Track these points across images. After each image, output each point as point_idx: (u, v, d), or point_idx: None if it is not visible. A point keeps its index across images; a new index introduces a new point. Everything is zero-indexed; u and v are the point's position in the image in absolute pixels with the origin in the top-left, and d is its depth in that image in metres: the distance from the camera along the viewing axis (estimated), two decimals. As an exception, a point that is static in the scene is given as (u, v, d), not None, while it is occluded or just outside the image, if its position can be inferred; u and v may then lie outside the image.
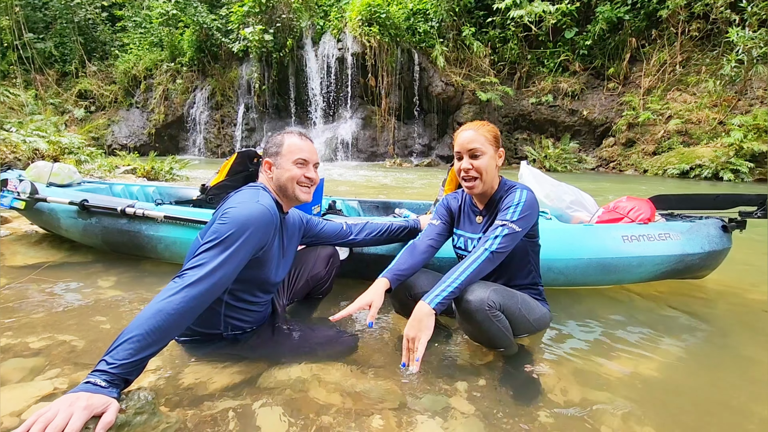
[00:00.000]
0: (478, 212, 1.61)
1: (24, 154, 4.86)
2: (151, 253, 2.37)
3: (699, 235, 2.14)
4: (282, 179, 1.40)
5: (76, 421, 0.84)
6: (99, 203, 2.34)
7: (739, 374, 1.47)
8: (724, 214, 2.29)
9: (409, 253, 1.57)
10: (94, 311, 1.78)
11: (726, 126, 10.28)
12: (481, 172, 1.46)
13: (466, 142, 1.47)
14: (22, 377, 1.27)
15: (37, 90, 15.04)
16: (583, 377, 1.40)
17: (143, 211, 2.25)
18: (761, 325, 1.91)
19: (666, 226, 2.18)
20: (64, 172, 2.80)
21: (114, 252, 2.53)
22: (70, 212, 2.41)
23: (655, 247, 2.06)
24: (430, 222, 1.71)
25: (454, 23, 13.53)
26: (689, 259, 2.09)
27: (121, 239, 2.37)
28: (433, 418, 1.16)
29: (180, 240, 2.24)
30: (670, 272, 2.13)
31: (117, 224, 2.34)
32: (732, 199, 2.23)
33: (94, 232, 2.41)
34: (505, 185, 1.55)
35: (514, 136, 14.09)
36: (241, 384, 1.28)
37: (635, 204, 2.31)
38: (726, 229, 2.20)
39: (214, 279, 1.13)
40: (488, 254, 1.37)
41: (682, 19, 11.65)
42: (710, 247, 2.12)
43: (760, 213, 2.11)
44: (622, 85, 12.90)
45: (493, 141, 1.50)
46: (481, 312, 1.33)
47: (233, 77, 14.75)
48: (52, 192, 2.52)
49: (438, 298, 1.30)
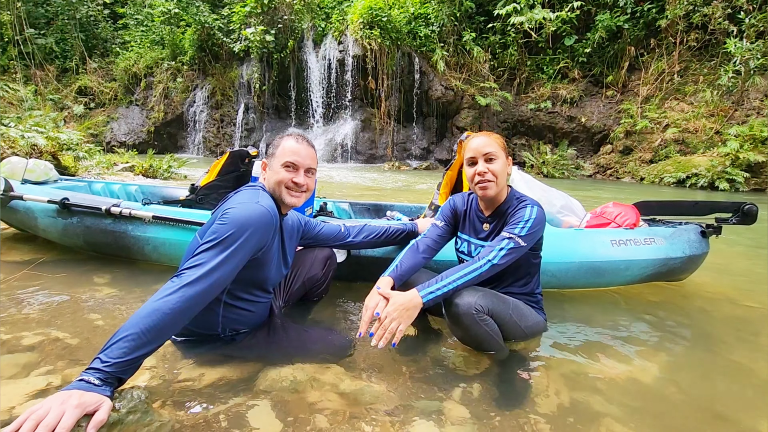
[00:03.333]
0: (484, 219, 1.62)
1: (22, 150, 4.84)
2: (137, 254, 2.28)
3: (681, 239, 2.25)
4: (271, 181, 1.39)
5: (67, 419, 0.84)
6: (81, 202, 2.23)
7: (729, 380, 1.48)
8: (702, 220, 2.39)
9: (411, 252, 1.60)
10: (89, 308, 1.78)
11: (722, 136, 10.35)
12: (496, 175, 1.48)
13: (482, 146, 1.49)
14: (15, 373, 1.27)
15: (37, 86, 14.98)
16: (576, 382, 1.41)
17: (130, 211, 2.15)
18: (748, 329, 1.92)
19: (650, 231, 2.27)
20: (39, 169, 2.67)
21: (96, 253, 2.42)
22: (48, 211, 2.29)
23: (642, 251, 2.14)
24: (434, 222, 1.72)
25: (455, 28, 13.60)
26: (672, 263, 2.20)
27: (105, 240, 2.27)
28: (427, 420, 1.16)
29: (169, 241, 2.17)
30: (655, 275, 2.23)
31: (101, 224, 2.23)
32: (709, 206, 2.33)
33: (76, 232, 2.30)
34: (514, 196, 1.57)
35: (513, 141, 14.12)
36: (236, 384, 1.28)
37: (621, 209, 2.40)
38: (704, 234, 2.33)
39: (211, 279, 1.13)
40: (489, 265, 1.39)
41: (681, 29, 11.74)
42: (691, 252, 2.23)
43: (735, 219, 2.23)
44: (620, 93, 12.98)
45: (504, 148, 1.53)
46: (468, 315, 1.35)
47: (233, 77, 14.75)
48: (29, 189, 2.39)
49: (431, 295, 1.33)
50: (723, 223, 2.30)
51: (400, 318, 1.28)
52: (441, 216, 1.72)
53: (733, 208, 2.23)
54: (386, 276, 1.50)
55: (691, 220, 2.45)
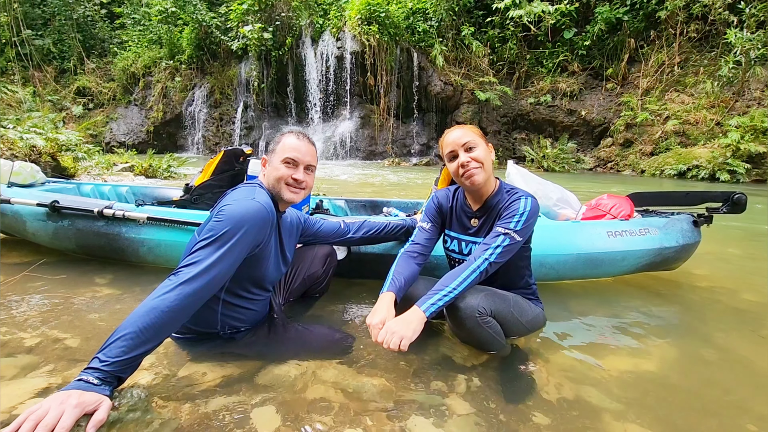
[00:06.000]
0: (472, 214, 1.57)
1: (21, 151, 4.83)
2: (131, 256, 2.22)
3: (674, 229, 2.28)
4: (270, 177, 1.39)
5: (67, 418, 0.84)
6: (72, 204, 2.17)
7: (729, 372, 1.47)
8: (694, 210, 2.43)
9: (404, 262, 1.55)
10: (89, 309, 1.78)
11: (723, 127, 10.31)
12: (481, 161, 1.44)
13: (458, 138, 1.47)
14: (15, 374, 1.26)
15: (35, 87, 14.98)
16: (576, 375, 1.40)
17: (124, 213, 2.10)
18: (748, 321, 1.91)
19: (645, 221, 2.30)
20: (26, 171, 2.61)
21: (89, 256, 2.37)
22: (37, 214, 2.23)
23: (637, 241, 2.18)
24: (420, 225, 1.67)
25: (454, 23, 13.53)
26: (666, 252, 2.23)
27: (98, 242, 2.21)
28: (428, 417, 1.16)
29: (165, 242, 2.13)
30: (650, 265, 2.27)
31: (93, 227, 2.17)
32: (700, 196, 2.37)
33: (67, 235, 2.23)
34: (504, 189, 1.52)
35: (513, 135, 14.10)
36: (236, 382, 1.27)
37: (616, 201, 2.45)
38: (696, 224, 2.37)
39: (209, 276, 1.12)
40: (487, 264, 1.36)
41: (681, 21, 11.67)
42: (684, 241, 2.27)
43: (724, 209, 2.26)
44: (620, 85, 12.92)
45: (482, 136, 1.50)
46: (471, 319, 1.33)
47: (232, 75, 14.72)
48: (16, 193, 2.32)
49: (433, 307, 1.30)
50: (714, 212, 2.34)
51: (404, 334, 1.23)
52: (427, 217, 1.66)
53: (723, 198, 2.26)
54: (387, 291, 1.42)
55: (683, 210, 2.49)
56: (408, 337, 1.23)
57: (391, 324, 1.25)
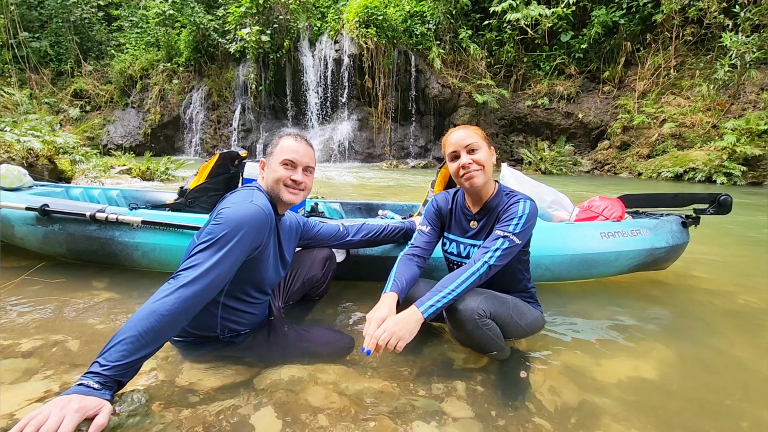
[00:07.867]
0: (471, 216, 1.58)
1: (18, 154, 4.81)
2: (125, 261, 2.18)
3: (664, 230, 2.33)
4: (269, 179, 1.39)
5: (68, 423, 0.84)
6: (62, 208, 2.12)
7: (728, 374, 1.48)
8: (682, 212, 2.49)
9: (405, 264, 1.55)
10: (88, 312, 1.77)
11: (719, 130, 10.37)
12: (482, 164, 1.45)
13: (461, 139, 1.47)
14: (15, 378, 1.26)
15: (32, 89, 14.92)
16: (576, 379, 1.41)
17: (117, 216, 2.06)
18: (746, 323, 1.93)
19: (636, 223, 2.34)
20: (13, 175, 2.55)
21: (80, 261, 2.32)
22: (26, 219, 2.18)
23: (629, 242, 2.22)
24: (419, 228, 1.67)
25: (451, 26, 13.58)
26: (657, 253, 2.28)
27: (90, 247, 2.17)
28: (428, 420, 1.16)
29: (159, 246, 2.09)
30: (641, 265, 2.30)
31: (85, 231, 2.13)
32: (689, 198, 2.44)
33: (57, 240, 2.18)
34: (503, 191, 1.53)
35: (510, 138, 14.14)
36: (237, 385, 1.27)
37: (608, 203, 2.49)
38: (685, 225, 2.42)
39: (208, 279, 1.13)
40: (486, 267, 1.36)
41: (677, 24, 11.75)
42: (674, 241, 2.31)
43: (711, 210, 2.32)
44: (617, 88, 12.98)
45: (485, 139, 1.50)
46: (471, 321, 1.33)
47: (230, 78, 14.71)
48: (3, 197, 2.27)
49: (432, 308, 1.30)
50: (701, 213, 2.40)
51: (402, 335, 1.23)
52: (426, 220, 1.67)
53: (710, 200, 2.33)
54: (390, 291, 1.42)
55: (672, 211, 2.54)
56: (404, 339, 1.23)
57: (389, 323, 1.25)
